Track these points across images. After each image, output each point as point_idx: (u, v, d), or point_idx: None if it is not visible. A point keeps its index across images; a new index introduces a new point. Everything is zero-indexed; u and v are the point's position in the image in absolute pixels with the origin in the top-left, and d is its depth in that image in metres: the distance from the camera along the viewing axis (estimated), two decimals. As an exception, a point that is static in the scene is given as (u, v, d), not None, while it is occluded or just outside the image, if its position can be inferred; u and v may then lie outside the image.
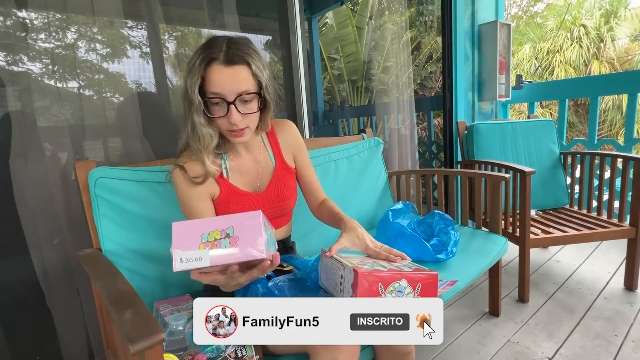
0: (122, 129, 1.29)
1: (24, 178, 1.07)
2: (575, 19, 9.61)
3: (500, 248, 1.32)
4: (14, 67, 1.16)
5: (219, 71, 0.74)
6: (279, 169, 0.93)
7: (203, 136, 0.79)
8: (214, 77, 0.74)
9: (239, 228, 0.57)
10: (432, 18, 4.10)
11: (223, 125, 0.79)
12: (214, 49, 0.74)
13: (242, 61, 0.75)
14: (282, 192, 0.92)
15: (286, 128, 0.97)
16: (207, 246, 0.55)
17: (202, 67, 0.74)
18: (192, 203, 0.83)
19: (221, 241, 0.56)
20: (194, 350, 0.73)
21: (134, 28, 1.48)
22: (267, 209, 0.90)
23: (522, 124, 2.02)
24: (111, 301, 0.58)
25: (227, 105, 0.75)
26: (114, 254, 0.94)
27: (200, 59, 0.74)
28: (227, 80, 0.74)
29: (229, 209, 0.86)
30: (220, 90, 0.75)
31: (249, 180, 0.90)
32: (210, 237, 0.56)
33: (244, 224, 0.57)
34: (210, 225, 0.56)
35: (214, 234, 0.56)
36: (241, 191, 0.88)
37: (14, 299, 1.10)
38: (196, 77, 0.74)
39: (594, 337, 1.34)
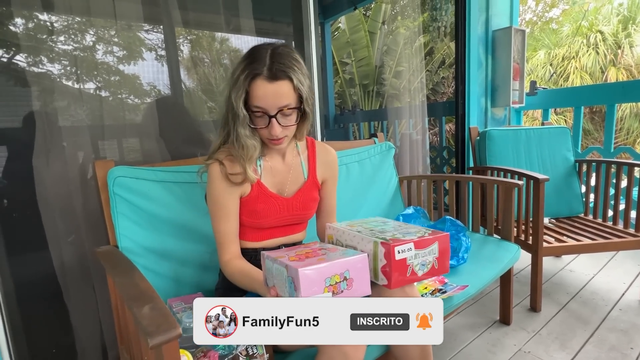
0: (139, 129, 1.32)
1: (45, 175, 1.10)
2: (591, 25, 9.44)
3: (512, 255, 1.30)
4: (34, 68, 1.20)
5: (263, 87, 0.76)
6: (310, 183, 0.95)
7: (247, 147, 0.82)
8: (257, 92, 0.77)
9: (354, 271, 0.64)
10: (445, 24, 4.09)
11: (264, 134, 0.83)
12: (258, 64, 0.76)
13: (285, 76, 0.77)
14: (306, 203, 0.94)
15: (328, 154, 1.00)
16: (330, 289, 0.61)
17: (246, 82, 0.77)
18: (222, 198, 0.85)
19: (340, 284, 0.62)
20: (206, 347, 0.74)
21: (150, 31, 1.53)
22: (289, 215, 0.92)
23: (536, 130, 2.00)
24: (129, 297, 0.60)
25: (269, 118, 0.79)
26: (130, 251, 0.97)
27: (245, 74, 0.77)
28: (270, 95, 0.77)
29: (257, 208, 0.87)
30: (263, 105, 0.78)
31: (278, 182, 0.92)
32: (332, 281, 0.62)
33: (356, 266, 0.64)
34: (331, 270, 0.62)
35: (334, 278, 0.62)
36: (270, 192, 0.90)
37: (33, 292, 1.14)
38: (241, 91, 0.77)
39: (608, 349, 1.31)
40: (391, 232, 0.75)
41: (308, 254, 0.70)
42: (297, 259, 0.66)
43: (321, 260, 0.64)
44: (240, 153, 0.83)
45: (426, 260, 0.71)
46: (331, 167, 1.01)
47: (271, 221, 0.90)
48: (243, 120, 0.79)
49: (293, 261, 0.64)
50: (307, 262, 0.63)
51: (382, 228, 0.79)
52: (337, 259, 0.64)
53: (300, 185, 0.94)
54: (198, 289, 1.06)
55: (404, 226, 0.81)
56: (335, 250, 0.71)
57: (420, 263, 0.71)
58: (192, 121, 1.49)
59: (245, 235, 0.92)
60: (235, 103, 0.78)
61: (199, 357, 0.71)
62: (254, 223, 0.89)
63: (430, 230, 0.76)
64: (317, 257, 0.67)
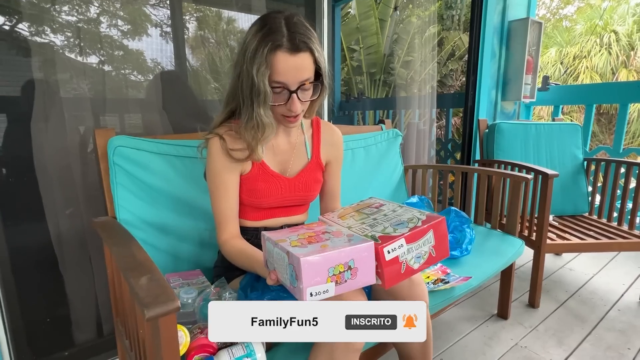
0: (141, 101, 1.28)
1: (44, 142, 1.07)
2: (606, 24, 9.26)
3: (516, 250, 1.28)
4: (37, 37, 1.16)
5: (284, 60, 0.71)
6: (313, 163, 0.92)
7: (265, 127, 0.76)
8: (278, 66, 0.71)
9: (359, 260, 0.61)
10: (460, 12, 3.99)
11: (280, 111, 0.77)
12: (276, 34, 0.70)
13: (306, 48, 0.72)
14: (309, 184, 0.91)
15: (334, 134, 0.96)
16: (333, 279, 0.59)
17: (270, 56, 0.70)
18: (221, 174, 0.82)
19: (344, 273, 0.60)
20: (203, 324, 0.73)
21: (156, 6, 1.47)
22: (291, 196, 0.89)
23: (547, 126, 1.96)
24: (127, 267, 0.57)
25: (289, 93, 0.73)
26: (128, 223, 0.94)
27: (266, 46, 0.69)
28: (291, 69, 0.71)
29: (257, 187, 0.84)
30: (284, 80, 0.72)
31: (280, 161, 0.88)
32: (335, 271, 0.60)
33: (361, 255, 0.61)
34: (335, 260, 0.59)
35: (338, 267, 0.60)
36: (272, 171, 0.86)
37: (28, 261, 1.12)
38: (264, 66, 0.70)
39: (605, 348, 1.30)
40: (382, 225, 0.70)
41: (311, 238, 0.66)
42: (299, 244, 0.63)
43: (325, 247, 0.61)
44: (253, 133, 0.77)
45: (421, 251, 0.68)
46: (336, 148, 0.97)
47: (271, 201, 0.87)
48: (265, 97, 0.72)
49: (295, 247, 0.61)
50: (309, 249, 0.60)
51: (375, 217, 0.75)
52: (341, 246, 0.60)
53: (303, 166, 0.91)
54: (196, 266, 1.04)
55: (399, 211, 0.76)
56: (339, 235, 0.68)
57: (415, 256, 0.67)
58: (196, 95, 1.45)
59: (245, 214, 0.89)
60: (257, 79, 0.70)
61: (196, 333, 0.69)
62: (253, 202, 0.86)
63: (424, 215, 0.71)
64: (321, 242, 0.64)
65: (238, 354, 0.65)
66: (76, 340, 1.19)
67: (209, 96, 1.51)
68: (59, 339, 1.19)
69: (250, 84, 0.72)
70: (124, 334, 0.86)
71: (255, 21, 0.75)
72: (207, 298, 0.75)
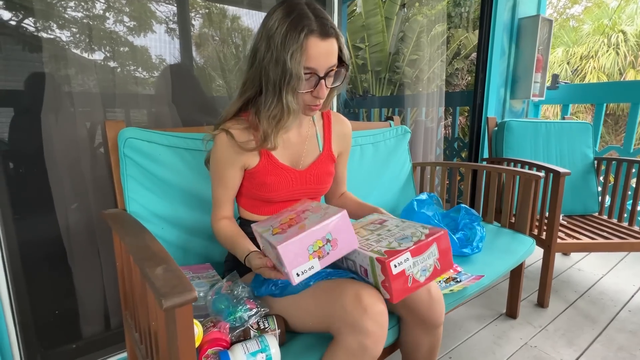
0: (151, 94, 1.27)
1: (54, 134, 1.07)
2: (614, 24, 9.16)
3: (527, 249, 1.27)
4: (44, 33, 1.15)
5: (316, 45, 0.70)
6: (325, 155, 0.91)
7: (289, 114, 0.74)
8: (311, 52, 0.70)
9: (335, 231, 0.63)
10: (468, 9, 3.95)
11: (306, 100, 0.76)
12: (307, 20, 0.69)
13: (334, 34, 0.72)
14: (321, 177, 0.90)
15: (344, 126, 0.96)
16: (315, 255, 0.62)
17: (305, 41, 0.69)
18: (224, 167, 0.82)
19: (325, 247, 0.63)
20: (215, 318, 0.72)
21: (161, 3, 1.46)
22: (303, 189, 0.88)
23: (557, 124, 1.93)
24: (141, 257, 0.56)
25: (318, 79, 0.73)
26: (138, 215, 0.93)
27: (301, 31, 0.68)
28: (323, 54, 0.71)
29: (267, 180, 0.83)
30: (315, 65, 0.71)
31: (290, 154, 0.87)
32: (315, 247, 0.62)
33: (337, 226, 0.63)
34: (311, 238, 0.61)
35: (317, 243, 0.62)
36: (281, 164, 0.85)
37: (37, 253, 1.11)
38: (299, 51, 0.68)
39: (617, 349, 1.28)
40: (387, 240, 0.72)
41: (292, 220, 0.69)
42: (280, 230, 0.66)
43: (302, 227, 0.63)
44: (274, 121, 0.76)
45: (426, 264, 0.70)
46: (347, 140, 0.98)
47: (282, 194, 0.86)
48: (297, 83, 0.70)
49: (276, 234, 0.65)
50: (287, 233, 0.63)
51: (379, 233, 0.76)
52: (316, 224, 0.62)
53: (315, 158, 0.90)
54: (206, 260, 1.04)
55: (402, 226, 0.77)
56: (317, 211, 0.69)
57: (420, 269, 0.69)
58: (205, 90, 1.44)
59: (256, 208, 0.89)
60: (290, 64, 0.68)
61: (209, 326, 0.68)
62: (264, 196, 0.85)
63: (427, 229, 0.73)
64: (299, 223, 0.66)
65: (253, 349, 0.65)
66: (84, 333, 1.19)
67: (214, 93, 1.50)
68: (67, 332, 1.19)
69: (281, 70, 0.70)
70: (133, 327, 0.86)
71: (276, 8, 0.73)
72: (219, 292, 0.75)
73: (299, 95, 0.75)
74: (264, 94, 0.75)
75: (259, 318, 0.71)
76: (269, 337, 0.68)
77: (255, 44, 0.75)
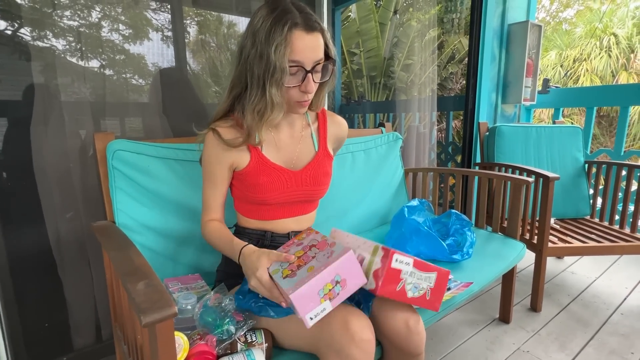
0: (142, 105, 1.28)
1: (43, 146, 1.07)
2: (606, 27, 9.28)
3: (517, 253, 1.27)
4: (39, 42, 1.16)
5: (301, 38, 0.71)
6: (321, 154, 0.90)
7: (273, 107, 0.74)
8: (296, 44, 0.70)
9: (343, 272, 0.64)
10: (460, 15, 4.00)
11: (294, 95, 0.76)
12: (289, 14, 0.70)
13: (319, 28, 0.73)
14: (318, 177, 0.88)
15: (340, 125, 0.97)
16: (326, 298, 0.63)
17: (289, 33, 0.69)
18: (212, 165, 0.82)
19: (334, 289, 0.64)
20: (202, 331, 0.72)
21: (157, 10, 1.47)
22: (299, 191, 0.86)
23: (547, 128, 1.95)
24: (124, 272, 0.57)
25: (305, 73, 0.73)
26: (127, 227, 0.94)
27: (285, 24, 0.69)
28: (308, 48, 0.72)
29: (260, 181, 0.82)
30: (301, 58, 0.72)
31: (284, 155, 0.86)
32: (325, 290, 0.63)
33: (344, 267, 0.64)
34: (321, 282, 0.62)
35: (327, 286, 0.63)
36: (273, 164, 0.84)
37: (27, 265, 1.11)
38: (282, 44, 0.69)
39: (608, 352, 1.29)
40: None
41: (300, 260, 0.69)
42: (290, 273, 0.66)
43: (311, 269, 0.64)
44: (257, 116, 0.75)
45: (420, 284, 0.73)
46: (340, 141, 0.99)
47: (276, 195, 0.84)
48: (282, 75, 0.70)
49: (286, 278, 0.65)
50: (297, 277, 0.64)
51: None
52: (323, 266, 0.63)
53: (311, 158, 0.89)
54: (196, 270, 1.03)
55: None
56: (323, 248, 0.70)
57: (413, 284, 0.71)
58: (196, 98, 1.45)
59: (251, 212, 0.87)
60: (274, 57, 0.69)
61: (195, 339, 0.68)
62: (257, 198, 0.83)
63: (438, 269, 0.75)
64: (308, 264, 0.67)
65: (238, 361, 0.65)
66: (75, 345, 1.19)
67: (209, 100, 1.51)
68: (57, 344, 1.18)
69: (265, 64, 0.70)
70: (122, 340, 0.85)
71: (261, 6, 0.74)
72: (206, 305, 0.75)
73: (285, 90, 0.75)
74: (249, 89, 0.75)
75: (246, 331, 0.71)
76: (256, 351, 0.68)
77: (242, 42, 0.76)
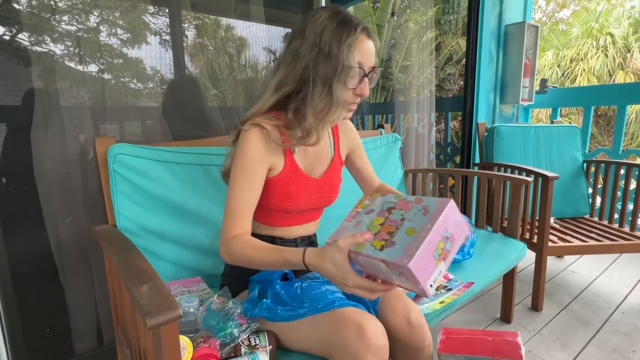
0: (141, 108, 1.29)
1: (43, 151, 1.07)
2: (602, 27, 9.33)
3: (518, 253, 1.28)
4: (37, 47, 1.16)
5: (365, 41, 0.74)
6: (336, 161, 0.91)
7: (338, 107, 0.75)
8: (362, 47, 0.73)
9: (451, 225, 0.58)
10: (457, 17, 4.02)
11: (348, 97, 0.76)
12: (354, 19, 0.73)
13: (374, 37, 0.76)
14: (334, 185, 0.89)
15: (349, 127, 0.97)
16: (440, 259, 0.56)
17: (360, 35, 0.72)
18: (252, 163, 0.75)
19: (446, 246, 0.57)
20: (205, 334, 0.72)
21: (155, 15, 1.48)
22: (317, 198, 0.86)
23: (546, 128, 1.96)
24: (127, 275, 0.57)
25: (363, 76, 0.75)
26: (129, 231, 0.94)
27: (357, 26, 0.72)
28: (370, 51, 0.75)
29: (289, 189, 0.81)
30: (363, 61, 0.74)
31: (309, 162, 0.86)
32: (438, 250, 0.56)
33: (450, 219, 0.58)
34: (433, 242, 0.55)
35: (439, 245, 0.56)
36: (302, 172, 0.83)
37: (28, 270, 1.11)
38: (354, 44, 0.72)
39: (610, 351, 1.29)
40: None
41: (385, 227, 0.61)
42: (384, 242, 0.58)
43: (411, 231, 0.56)
44: (321, 115, 0.75)
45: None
46: (352, 134, 0.98)
47: (301, 204, 0.83)
48: (349, 74, 0.72)
49: (384, 249, 0.57)
50: (399, 245, 0.55)
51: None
52: (429, 224, 0.55)
53: (327, 165, 0.89)
54: (198, 274, 1.04)
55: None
56: (408, 207, 0.61)
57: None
58: (196, 102, 1.45)
59: (261, 218, 0.85)
60: (344, 55, 0.71)
61: (199, 342, 0.68)
62: (283, 206, 0.81)
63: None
64: (400, 229, 0.58)
65: (242, 364, 0.65)
66: (76, 349, 1.18)
67: (208, 103, 1.51)
68: (59, 349, 1.18)
69: (333, 63, 0.71)
70: (124, 344, 0.85)
71: (317, 11, 0.75)
72: (210, 308, 0.75)
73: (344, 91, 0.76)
74: (312, 88, 0.74)
75: (249, 334, 0.71)
76: (260, 353, 0.68)
77: (295, 43, 0.75)
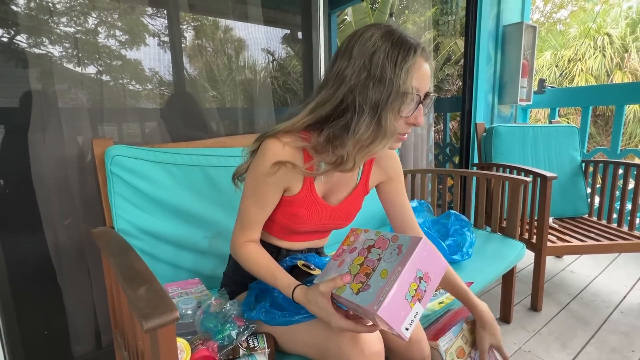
0: (139, 109, 1.28)
1: (41, 153, 1.07)
2: (599, 28, 9.36)
3: (517, 253, 1.28)
4: (35, 49, 1.16)
5: (423, 65, 0.65)
6: (360, 189, 0.84)
7: (385, 137, 0.65)
8: (420, 71, 0.64)
9: (424, 264, 0.56)
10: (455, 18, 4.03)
11: (399, 127, 0.67)
12: (410, 40, 0.64)
13: (430, 59, 0.69)
14: (350, 212, 0.83)
15: (391, 155, 0.86)
16: (414, 300, 0.54)
17: (419, 58, 0.64)
18: (266, 180, 0.71)
19: (420, 287, 0.55)
20: (203, 336, 0.72)
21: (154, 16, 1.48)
22: (328, 223, 0.82)
23: (544, 128, 1.96)
24: (125, 277, 0.56)
25: (418, 102, 0.66)
26: (126, 233, 0.93)
27: (415, 49, 0.63)
28: (426, 76, 0.65)
29: (299, 213, 0.76)
30: (420, 86, 0.65)
31: (329, 187, 0.80)
32: (411, 293, 0.54)
33: (423, 257, 0.56)
34: (405, 286, 0.54)
35: (412, 287, 0.54)
36: (318, 199, 0.77)
37: (26, 272, 1.10)
38: (413, 69, 0.63)
39: (609, 351, 1.29)
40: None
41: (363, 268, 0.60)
42: (361, 285, 0.57)
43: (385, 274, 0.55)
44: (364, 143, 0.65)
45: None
46: (392, 164, 0.86)
47: (307, 228, 0.81)
48: (401, 100, 0.63)
49: (360, 293, 0.56)
50: (373, 290, 0.54)
51: None
52: (399, 266, 0.54)
53: (349, 192, 0.82)
54: (196, 275, 1.03)
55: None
56: (386, 245, 0.60)
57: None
58: (194, 104, 1.45)
59: (272, 229, 0.82)
60: (399, 81, 0.61)
61: (197, 344, 0.68)
62: (289, 225, 0.79)
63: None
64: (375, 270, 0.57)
65: (240, 366, 0.64)
66: (74, 352, 1.18)
67: (207, 104, 1.51)
68: (57, 352, 1.17)
69: (386, 88, 0.62)
70: (123, 346, 0.85)
71: (367, 28, 0.66)
72: (207, 310, 0.74)
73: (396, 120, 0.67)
74: (356, 116, 0.65)
75: (248, 336, 0.71)
76: (259, 356, 0.68)
77: (340, 64, 0.67)
